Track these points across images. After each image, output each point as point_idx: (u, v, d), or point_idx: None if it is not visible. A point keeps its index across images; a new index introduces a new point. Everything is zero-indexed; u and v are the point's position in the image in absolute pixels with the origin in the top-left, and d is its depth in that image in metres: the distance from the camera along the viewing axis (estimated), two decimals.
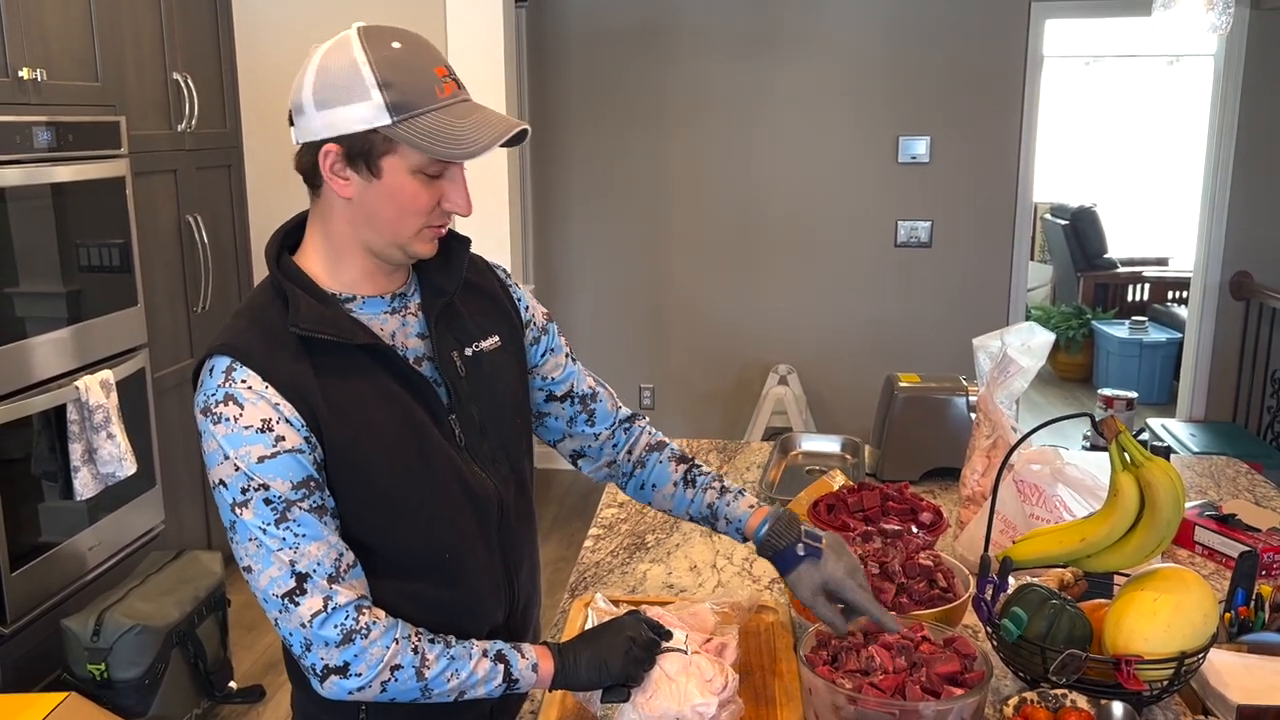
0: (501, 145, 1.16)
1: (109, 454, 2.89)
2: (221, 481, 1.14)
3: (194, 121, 3.53)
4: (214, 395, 1.14)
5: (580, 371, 1.49)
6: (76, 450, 2.81)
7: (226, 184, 3.83)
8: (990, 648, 1.42)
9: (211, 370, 1.16)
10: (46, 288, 2.79)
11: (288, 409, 1.15)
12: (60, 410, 2.77)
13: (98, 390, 2.86)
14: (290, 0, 4.07)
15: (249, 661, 3.29)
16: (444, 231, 1.25)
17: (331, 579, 1.15)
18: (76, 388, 2.81)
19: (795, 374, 4.93)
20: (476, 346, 1.31)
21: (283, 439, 1.14)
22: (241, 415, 1.13)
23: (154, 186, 3.36)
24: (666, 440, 1.55)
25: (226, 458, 1.13)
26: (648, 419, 1.57)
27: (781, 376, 4.89)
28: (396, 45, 1.14)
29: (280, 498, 1.13)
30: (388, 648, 1.16)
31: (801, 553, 1.36)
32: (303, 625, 1.14)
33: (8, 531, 2.60)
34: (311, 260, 1.24)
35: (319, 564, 1.14)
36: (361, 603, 1.17)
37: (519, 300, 1.41)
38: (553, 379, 1.45)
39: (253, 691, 3.00)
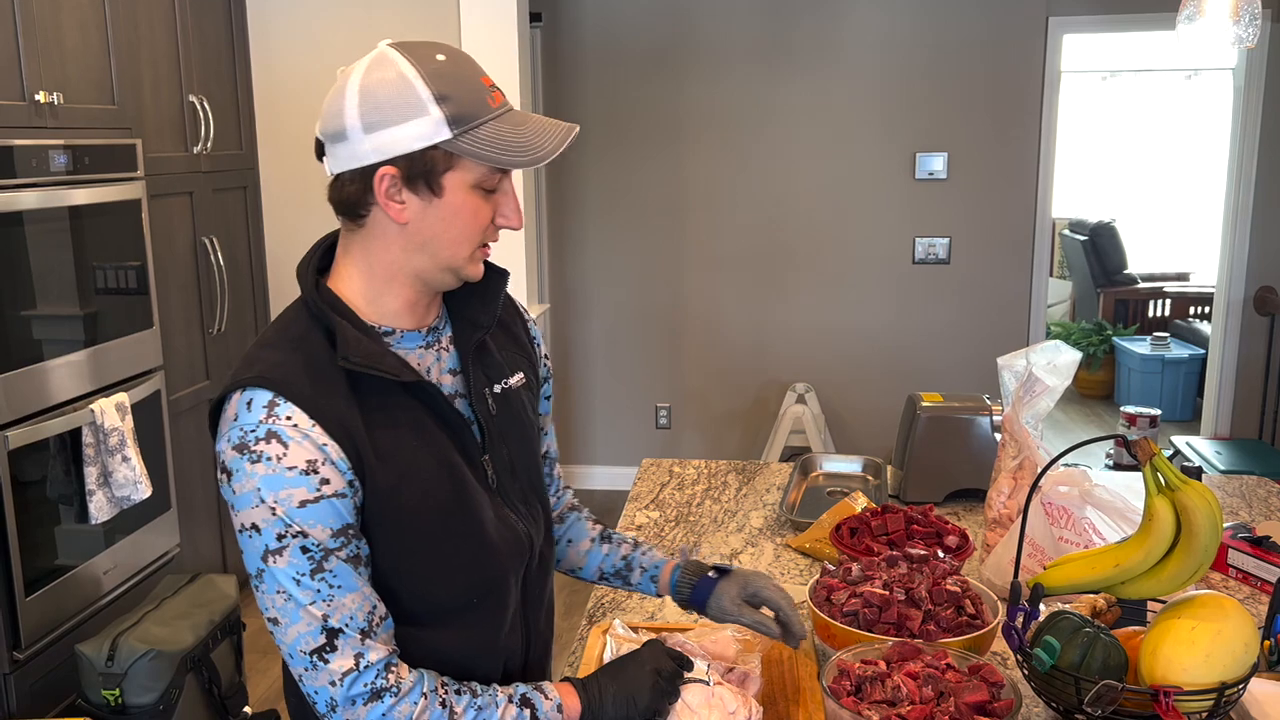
0: None
1: (124, 477, 2.88)
2: (254, 526, 1.06)
3: (210, 144, 3.54)
4: (254, 431, 1.06)
5: (552, 432, 1.48)
6: (92, 473, 2.80)
7: (242, 206, 3.83)
8: (1019, 676, 1.38)
9: (250, 404, 1.07)
10: (63, 310, 2.79)
11: (334, 450, 1.07)
12: (76, 433, 2.77)
13: (113, 413, 2.85)
14: (306, 23, 4.09)
15: (264, 686, 3.27)
16: (490, 252, 1.20)
17: (364, 634, 1.09)
18: (92, 410, 2.80)
19: (813, 392, 4.89)
20: (505, 384, 1.27)
21: (327, 482, 1.06)
22: (285, 455, 1.05)
23: (170, 209, 3.36)
24: (582, 505, 1.56)
25: (263, 501, 1.05)
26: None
27: (799, 395, 4.86)
28: (441, 58, 1.10)
29: (319, 546, 1.06)
30: (416, 704, 1.10)
31: (714, 575, 1.42)
32: (331, 684, 1.08)
33: (23, 555, 2.59)
34: (348, 290, 1.16)
35: (352, 618, 1.08)
36: (391, 659, 1.10)
37: (536, 341, 1.38)
38: (543, 431, 1.42)
39: (268, 717, 2.97)
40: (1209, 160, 7.55)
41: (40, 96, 2.67)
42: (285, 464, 1.05)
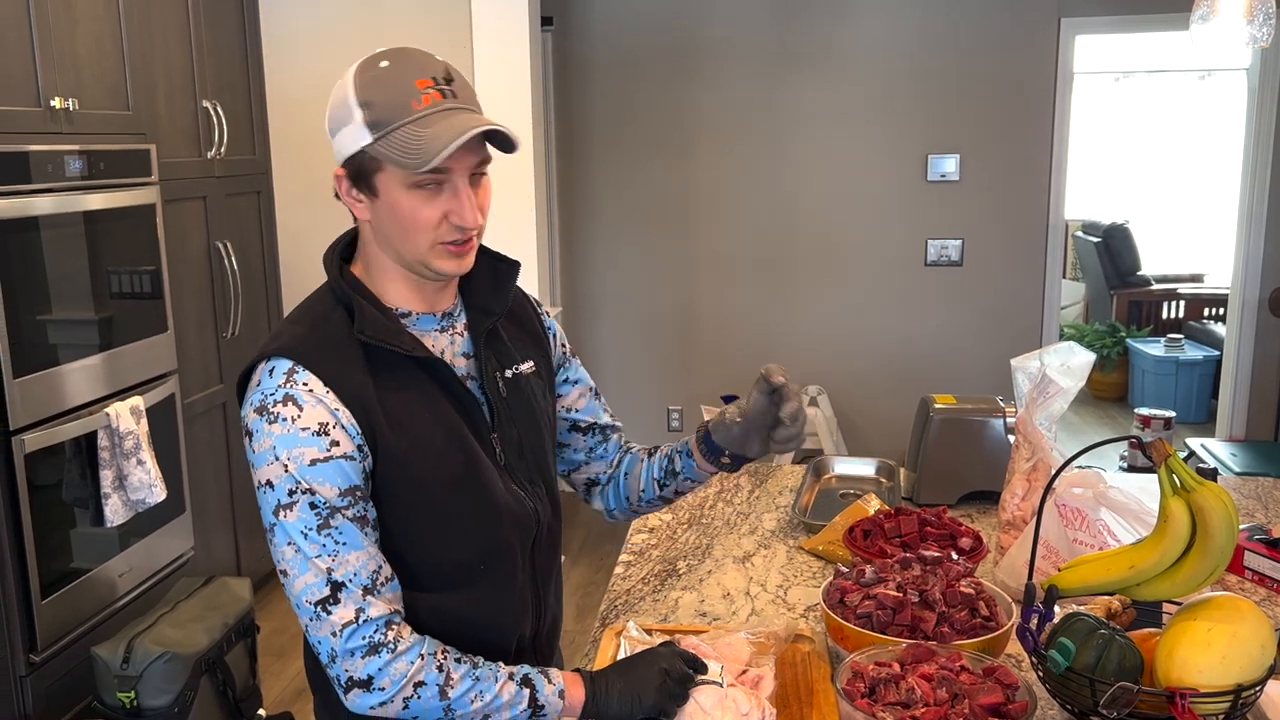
0: (500, 149, 1.17)
1: (139, 480, 2.90)
2: (268, 482, 1.14)
3: (223, 149, 3.56)
4: (273, 395, 1.14)
5: (601, 405, 1.51)
6: (107, 477, 2.82)
7: (255, 210, 3.85)
8: (1034, 678, 1.38)
9: (271, 371, 1.16)
10: (78, 315, 2.80)
11: (345, 416, 1.15)
12: (91, 437, 2.78)
13: (128, 417, 2.87)
14: (319, 29, 4.10)
15: (278, 689, 3.28)
16: (469, 247, 1.22)
17: (367, 590, 1.15)
18: (107, 414, 2.81)
19: (825, 395, 4.88)
20: (516, 369, 1.33)
21: (337, 444, 1.14)
22: (300, 416, 1.13)
23: (184, 213, 3.38)
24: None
25: (277, 459, 1.13)
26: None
27: (811, 398, 4.85)
28: (384, 64, 1.16)
29: (325, 503, 1.13)
30: (412, 663, 1.15)
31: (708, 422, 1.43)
32: (333, 634, 1.14)
33: (39, 558, 2.61)
34: (364, 276, 1.26)
35: (356, 574, 1.14)
36: (393, 618, 1.16)
37: (550, 330, 1.45)
38: (576, 410, 1.48)
39: (282, 719, 2.98)
40: (1223, 161, 7.50)
41: (55, 102, 2.69)
42: (299, 425, 1.14)
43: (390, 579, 1.18)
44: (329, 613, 1.13)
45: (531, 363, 1.36)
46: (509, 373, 1.32)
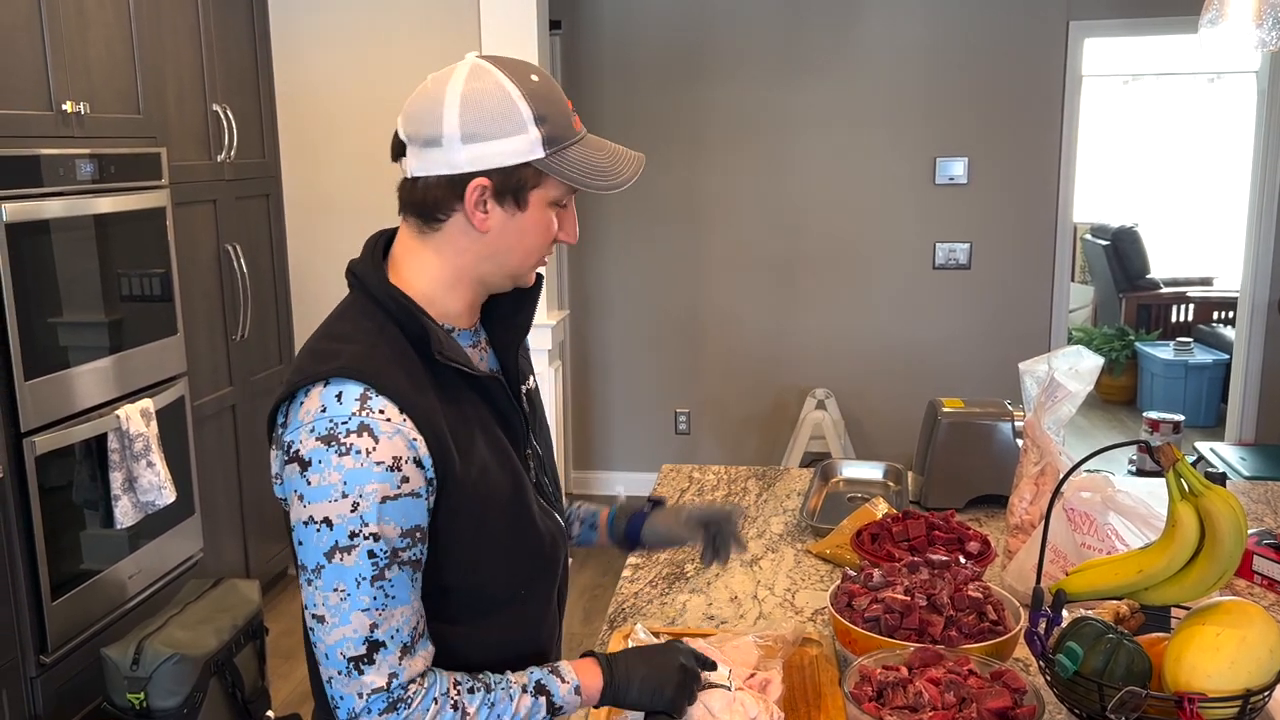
0: None
1: (149, 482, 2.91)
2: (326, 520, 1.04)
3: (233, 152, 3.57)
4: (346, 423, 1.05)
5: None
6: (117, 479, 2.83)
7: (265, 213, 3.87)
8: (1042, 682, 1.38)
9: (340, 396, 1.06)
10: (88, 317, 2.82)
11: (422, 447, 1.07)
12: (101, 439, 2.80)
13: (138, 419, 2.88)
14: (328, 33, 4.12)
15: (286, 690, 3.29)
16: (547, 262, 1.24)
17: (405, 650, 1.09)
18: (117, 416, 2.83)
19: (833, 398, 4.88)
20: (527, 384, 1.32)
21: (407, 480, 1.06)
22: (375, 449, 1.04)
23: (194, 216, 3.40)
24: None
25: (345, 495, 1.04)
26: None
27: (819, 401, 4.85)
28: (535, 79, 1.13)
29: (386, 548, 1.06)
30: (426, 710, 1.09)
31: (647, 510, 1.50)
32: (359, 695, 1.08)
33: (49, 560, 2.62)
34: (411, 290, 1.17)
35: (398, 630, 1.08)
36: (416, 676, 1.10)
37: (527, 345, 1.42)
38: None
39: None
40: (1232, 164, 7.49)
41: (67, 106, 2.70)
42: (374, 458, 1.05)
43: (424, 634, 1.12)
44: (360, 672, 1.07)
45: (532, 377, 1.35)
46: (524, 387, 1.30)
